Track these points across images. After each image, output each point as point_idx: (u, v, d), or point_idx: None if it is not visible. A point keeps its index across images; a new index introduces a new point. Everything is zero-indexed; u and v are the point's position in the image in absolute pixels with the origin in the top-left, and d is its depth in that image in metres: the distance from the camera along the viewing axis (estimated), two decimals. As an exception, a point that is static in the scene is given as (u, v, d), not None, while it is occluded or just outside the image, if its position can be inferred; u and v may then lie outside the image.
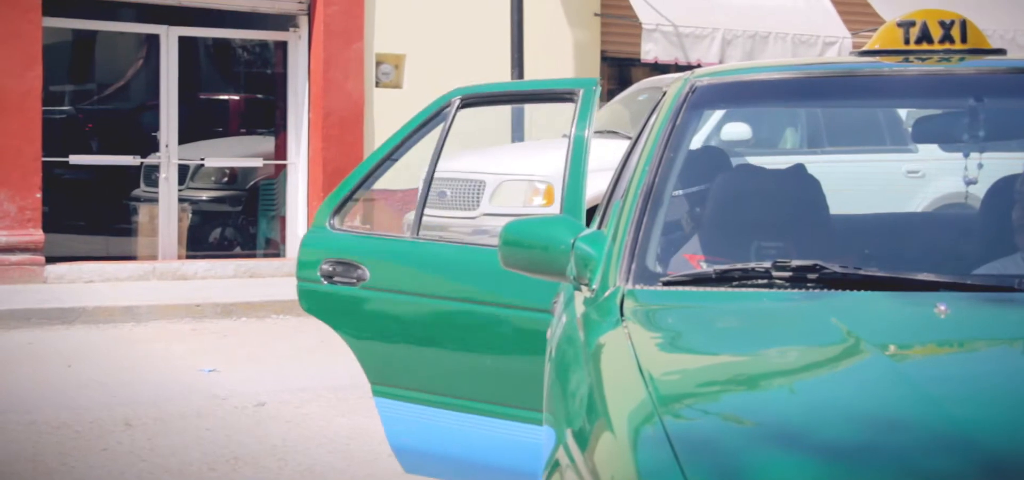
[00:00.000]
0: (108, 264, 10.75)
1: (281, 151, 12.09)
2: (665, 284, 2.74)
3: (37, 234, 10.25)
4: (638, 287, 2.72)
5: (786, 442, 2.06)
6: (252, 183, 12.44)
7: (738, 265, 2.76)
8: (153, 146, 11.52)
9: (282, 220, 12.00)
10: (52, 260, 10.36)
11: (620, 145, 6.18)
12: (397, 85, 11.79)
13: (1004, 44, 11.76)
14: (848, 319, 2.51)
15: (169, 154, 11.26)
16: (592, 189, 5.24)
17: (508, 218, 3.35)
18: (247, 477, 5.28)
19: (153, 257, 11.24)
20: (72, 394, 6.73)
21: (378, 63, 11.85)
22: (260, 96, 14.15)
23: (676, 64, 11.99)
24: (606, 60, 13.19)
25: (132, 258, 11.38)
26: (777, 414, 2.15)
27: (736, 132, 8.97)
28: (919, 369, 2.37)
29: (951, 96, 3.46)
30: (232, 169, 12.40)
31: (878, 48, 3.31)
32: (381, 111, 11.67)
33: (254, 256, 11.94)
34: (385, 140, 4.30)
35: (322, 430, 6.04)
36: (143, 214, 11.79)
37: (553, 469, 2.33)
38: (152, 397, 6.66)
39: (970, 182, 3.50)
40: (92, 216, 12.34)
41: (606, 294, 2.72)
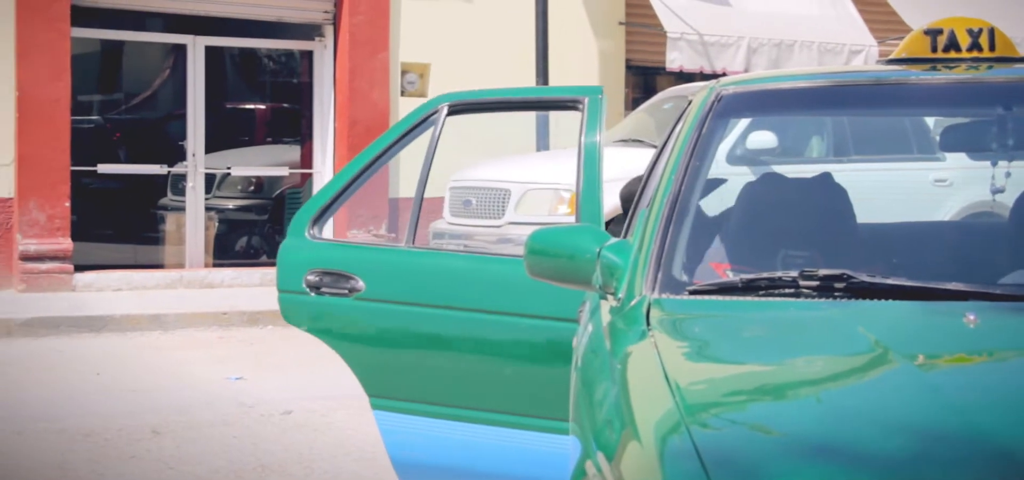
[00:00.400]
0: (136, 272, 10.81)
1: (307, 160, 12.13)
2: (691, 293, 2.73)
3: (66, 242, 10.32)
4: (664, 296, 2.72)
5: (814, 452, 2.05)
6: (278, 192, 12.49)
7: (765, 274, 2.75)
8: (180, 155, 11.58)
9: (308, 229, 12.01)
10: (81, 268, 10.43)
11: (645, 154, 6.17)
12: (422, 94, 11.81)
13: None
14: (876, 329, 2.50)
15: (196, 163, 11.32)
16: (616, 199, 5.23)
17: (533, 227, 3.34)
18: (274, 485, 5.30)
19: (180, 266, 11.29)
20: (100, 402, 6.77)
21: (403, 72, 11.88)
22: (286, 105, 14.21)
23: (701, 73, 11.97)
24: (631, 69, 13.18)
25: (159, 266, 11.44)
26: (805, 424, 2.14)
27: (762, 141, 8.95)
28: (948, 379, 2.35)
29: (979, 104, 3.44)
30: (258, 178, 12.46)
31: (905, 56, 3.30)
32: (406, 120, 11.68)
33: (280, 264, 11.96)
34: (365, 148, 4.20)
35: (348, 438, 6.06)
36: (170, 223, 11.85)
37: (580, 479, 2.33)
38: (179, 405, 6.69)
39: (998, 191, 3.48)
40: (120, 225, 12.41)
41: (632, 303, 2.72)
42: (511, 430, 3.78)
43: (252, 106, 14.63)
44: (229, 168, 12.13)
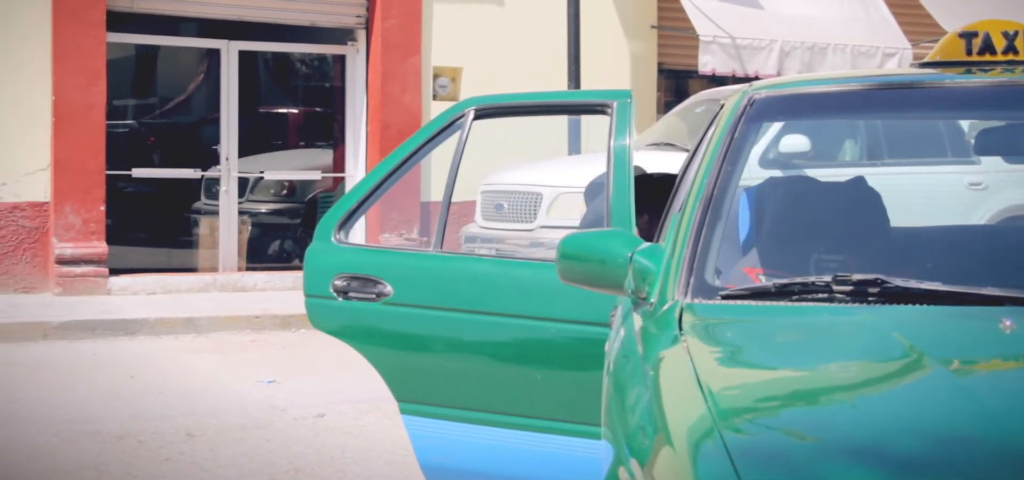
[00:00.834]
0: (169, 276, 10.88)
1: (339, 164, 12.17)
2: (724, 298, 2.73)
3: (101, 246, 10.40)
4: (697, 301, 2.71)
5: (848, 457, 2.04)
6: (310, 196, 12.53)
7: (798, 279, 2.74)
8: (214, 159, 11.65)
9: (340, 232, 12.05)
10: (115, 272, 10.50)
11: (677, 158, 6.15)
12: (454, 98, 11.83)
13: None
14: (910, 334, 2.49)
15: (229, 167, 11.38)
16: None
17: (565, 231, 3.33)
18: (306, 488, 5.32)
19: (213, 269, 11.35)
20: (135, 404, 6.82)
21: (435, 76, 11.90)
22: (318, 109, 14.26)
23: (733, 76, 11.93)
24: (663, 72, 13.15)
25: (193, 270, 11.51)
26: (838, 429, 2.13)
27: (794, 144, 8.90)
28: (983, 385, 2.34)
29: (1015, 107, 3.42)
30: (291, 182, 12.51)
31: (940, 59, 3.28)
32: (438, 124, 11.70)
33: (312, 268, 11.99)
34: (391, 152, 4.19)
35: (380, 441, 6.07)
36: (203, 227, 11.92)
37: (612, 483, 2.33)
38: (213, 408, 6.73)
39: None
40: (154, 228, 12.50)
41: (664, 308, 2.71)
42: (541, 435, 3.77)
43: (285, 110, 14.70)
44: (262, 172, 12.19)
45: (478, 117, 4.04)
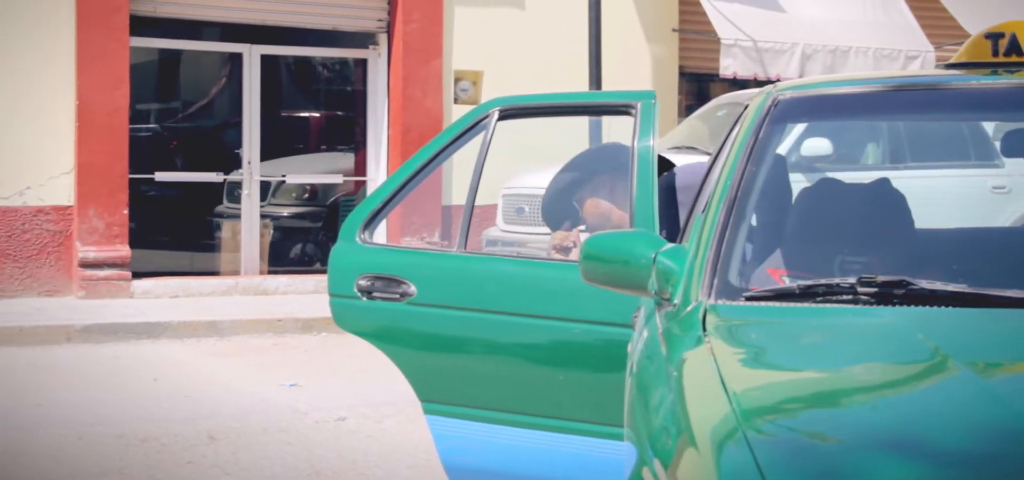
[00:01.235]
0: (192, 279, 10.92)
1: (361, 167, 12.20)
2: (748, 299, 2.72)
3: (124, 250, 10.44)
4: (720, 302, 2.70)
5: (872, 459, 2.03)
6: (332, 199, 12.56)
7: (822, 280, 2.73)
8: (236, 163, 11.69)
9: (362, 236, 12.07)
10: (138, 275, 10.55)
11: (699, 160, 6.13)
12: (475, 101, 11.84)
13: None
14: (935, 336, 2.48)
15: (251, 171, 11.42)
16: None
17: (586, 233, 3.33)
18: (328, 490, 5.32)
19: (235, 272, 11.39)
20: (157, 407, 6.84)
21: (456, 80, 11.92)
22: (340, 113, 14.30)
23: (755, 79, 11.89)
24: (684, 75, 13.13)
25: (215, 273, 11.54)
26: (863, 431, 2.13)
27: (817, 147, 8.87)
28: (1009, 387, 2.32)
29: (1042, 109, 3.39)
30: (313, 185, 12.54)
31: (965, 61, 3.26)
32: (459, 128, 11.71)
33: (334, 272, 12.02)
34: (415, 153, 4.19)
35: (401, 444, 6.08)
36: (226, 230, 11.96)
37: (636, 485, 2.32)
38: (235, 411, 6.74)
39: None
40: (176, 232, 12.54)
41: (688, 309, 2.70)
42: (564, 435, 3.77)
43: (307, 114, 14.74)
44: (284, 176, 12.22)
45: (502, 118, 4.05)
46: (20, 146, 10.20)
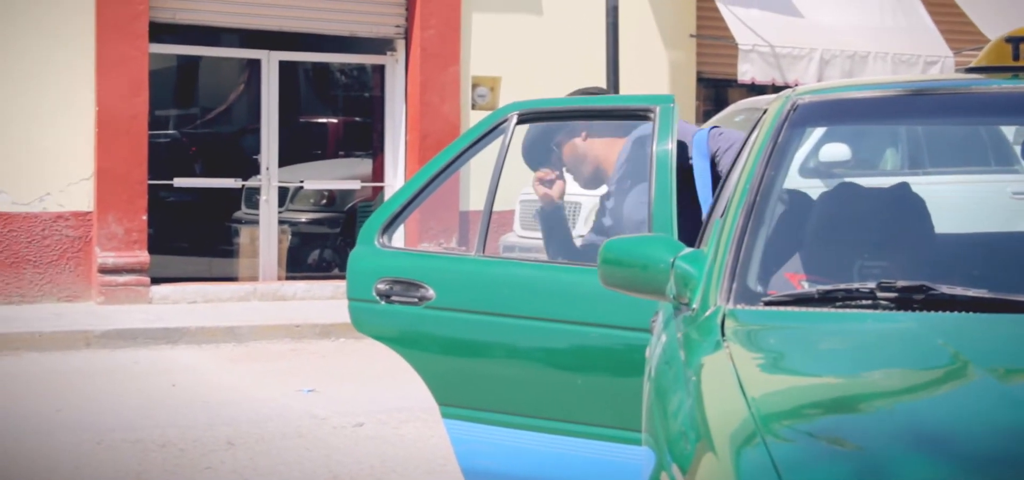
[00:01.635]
0: (210, 285, 10.95)
1: (379, 173, 12.22)
2: (767, 304, 2.71)
3: (143, 255, 10.48)
4: (739, 307, 2.69)
5: (892, 465, 2.02)
6: (350, 205, 12.58)
7: (842, 285, 2.72)
8: (254, 169, 11.72)
9: (379, 242, 12.08)
10: (157, 281, 10.59)
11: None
12: (493, 107, 11.84)
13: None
14: (956, 341, 2.47)
15: (269, 177, 11.45)
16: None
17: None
18: (346, 496, 5.33)
19: (254, 278, 11.41)
20: (176, 413, 6.86)
21: (474, 86, 11.93)
22: (358, 119, 14.32)
23: (773, 85, 11.87)
24: (702, 81, 13.11)
25: (233, 279, 11.57)
26: (882, 436, 2.12)
27: (835, 153, 8.84)
28: (1030, 392, 2.31)
29: (1064, 113, 3.38)
30: (331, 191, 12.56)
31: (986, 64, 3.24)
32: (477, 133, 11.71)
33: (352, 277, 12.03)
34: (435, 156, 4.19)
35: (419, 450, 6.08)
36: (244, 236, 11.99)
37: (654, 490, 2.32)
38: (253, 416, 6.76)
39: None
40: (195, 238, 12.58)
41: (706, 314, 2.70)
42: (582, 440, 3.76)
43: (325, 120, 14.77)
44: (302, 182, 12.25)
45: (521, 122, 4.05)
46: (40, 152, 10.25)
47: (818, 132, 8.13)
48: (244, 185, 11.83)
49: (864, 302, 2.64)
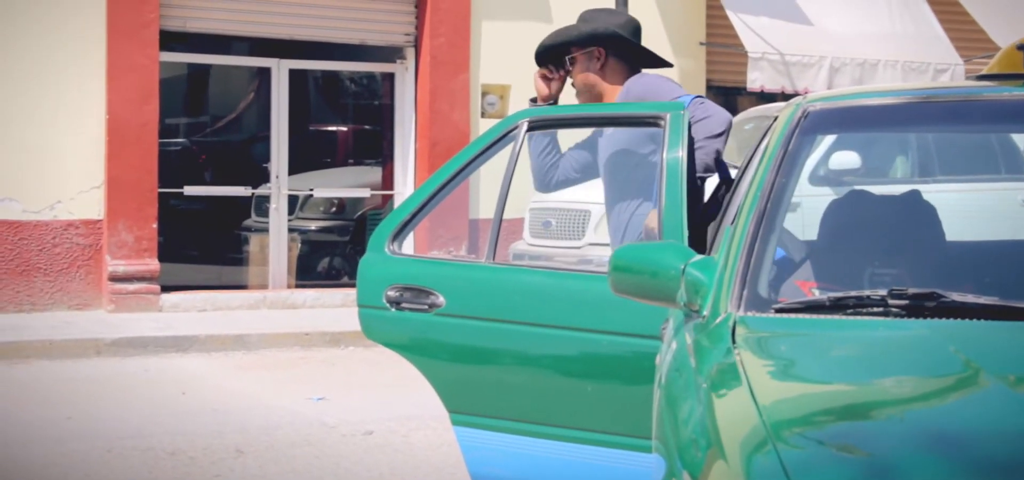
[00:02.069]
0: (220, 293, 10.96)
1: (388, 181, 12.23)
2: (777, 311, 2.70)
3: (153, 263, 10.50)
4: (750, 314, 2.69)
5: (903, 472, 2.02)
6: (360, 213, 12.59)
7: (852, 293, 2.71)
8: (264, 177, 11.74)
9: (389, 250, 12.09)
10: (167, 289, 10.60)
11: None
12: (502, 115, 11.85)
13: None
14: (967, 348, 2.46)
15: (279, 185, 11.46)
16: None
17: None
18: (356, 503, 5.32)
19: (263, 286, 11.43)
20: (186, 421, 6.86)
21: (484, 93, 11.94)
22: (368, 127, 14.34)
23: (783, 93, 11.86)
24: (711, 89, 13.10)
25: (243, 287, 11.59)
26: (893, 444, 2.11)
27: (845, 161, 8.84)
28: (1043, 400, 2.30)
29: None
30: (340, 199, 12.58)
31: (997, 72, 3.24)
32: (487, 141, 11.72)
33: (361, 285, 12.04)
34: (444, 164, 4.20)
35: (429, 459, 6.08)
36: (254, 244, 12.01)
37: (665, 497, 2.31)
38: (263, 424, 6.76)
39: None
40: (205, 246, 12.60)
41: (717, 321, 2.69)
42: (592, 447, 3.76)
43: (334, 128, 14.80)
44: (312, 190, 12.26)
45: (531, 128, 4.05)
46: (51, 160, 10.28)
47: (828, 140, 8.12)
48: (254, 193, 11.85)
49: (875, 309, 2.63)
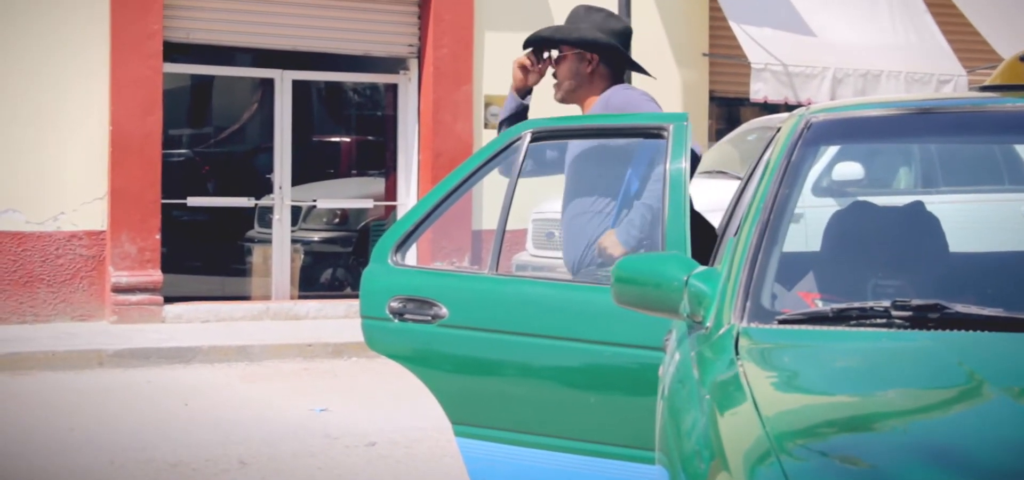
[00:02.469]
0: (223, 304, 10.96)
1: (391, 192, 12.23)
2: (781, 322, 2.70)
3: (156, 274, 10.50)
4: (753, 325, 2.69)
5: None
6: (363, 224, 12.59)
7: (856, 304, 2.71)
8: (267, 188, 11.74)
9: (392, 261, 12.09)
10: (170, 300, 10.60)
11: (730, 185, 6.11)
12: (505, 127, 11.83)
13: None
14: (971, 360, 2.45)
15: (282, 195, 11.47)
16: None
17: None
18: (358, 515, 5.31)
19: (266, 297, 11.43)
20: (188, 432, 6.86)
21: (487, 105, 11.94)
22: (371, 138, 14.35)
23: (786, 103, 11.86)
24: (714, 100, 13.10)
25: (246, 298, 11.58)
26: (897, 456, 2.11)
27: (848, 172, 8.83)
28: (1047, 412, 2.29)
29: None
30: (343, 210, 12.58)
31: (1001, 83, 3.24)
32: (490, 152, 11.72)
33: (364, 296, 12.03)
34: (448, 175, 4.20)
35: (432, 470, 6.06)
36: (257, 255, 12.00)
37: (668, 509, 2.31)
38: (265, 436, 6.75)
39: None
40: (208, 257, 12.60)
41: (720, 332, 2.69)
42: (595, 459, 3.76)
43: (338, 139, 14.80)
44: (315, 200, 12.27)
45: (535, 140, 4.06)
46: (54, 172, 10.29)
47: (831, 151, 8.12)
48: (257, 204, 11.86)
49: (878, 321, 2.63)
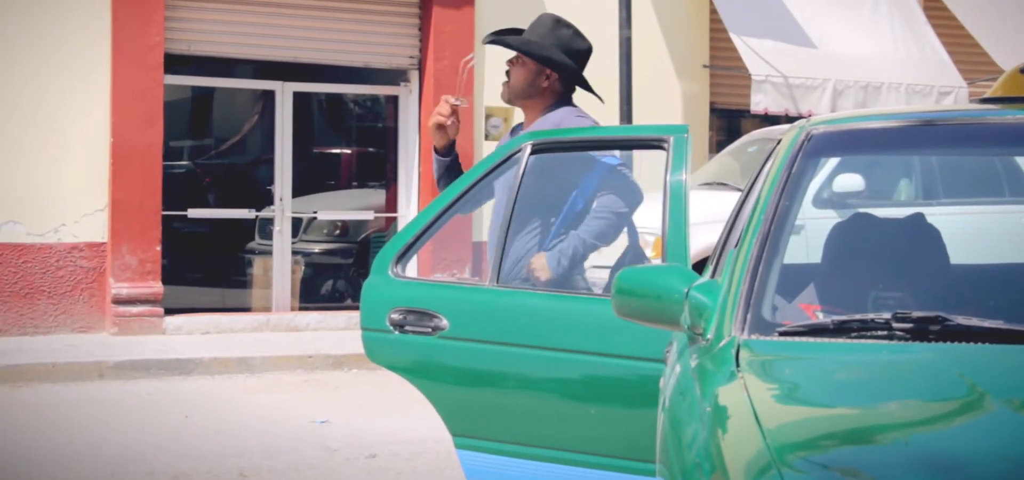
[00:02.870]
0: (224, 316, 10.95)
1: (392, 204, 12.23)
2: (781, 334, 2.70)
3: (157, 286, 10.49)
4: (754, 337, 2.68)
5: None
6: (363, 235, 12.59)
7: (857, 316, 2.71)
8: (268, 199, 11.74)
9: (392, 272, 12.08)
10: (171, 312, 10.59)
11: (730, 197, 6.11)
12: (506, 138, 11.84)
13: None
14: (972, 372, 2.45)
15: (283, 207, 11.47)
16: (702, 242, 5.16)
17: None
18: (358, 527, 5.30)
19: (267, 309, 11.42)
20: (188, 444, 6.85)
21: (487, 116, 11.94)
22: (371, 149, 14.35)
23: (786, 115, 11.86)
24: (715, 111, 13.11)
25: (247, 310, 11.58)
26: (898, 468, 2.10)
27: (849, 183, 8.83)
28: (1049, 424, 2.29)
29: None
30: (344, 222, 12.58)
31: (1001, 95, 3.24)
32: (490, 164, 11.72)
33: (365, 308, 12.03)
34: (449, 186, 4.19)
35: (432, 481, 6.06)
36: (257, 266, 12.00)
37: (668, 521, 2.30)
38: (266, 448, 6.74)
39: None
40: (208, 268, 12.60)
41: (721, 344, 2.69)
42: (596, 471, 3.75)
43: (338, 150, 14.81)
44: (315, 212, 12.27)
45: (535, 152, 4.06)
46: (55, 183, 10.29)
47: (832, 162, 8.12)
48: (258, 216, 11.86)
49: (879, 333, 2.63)
